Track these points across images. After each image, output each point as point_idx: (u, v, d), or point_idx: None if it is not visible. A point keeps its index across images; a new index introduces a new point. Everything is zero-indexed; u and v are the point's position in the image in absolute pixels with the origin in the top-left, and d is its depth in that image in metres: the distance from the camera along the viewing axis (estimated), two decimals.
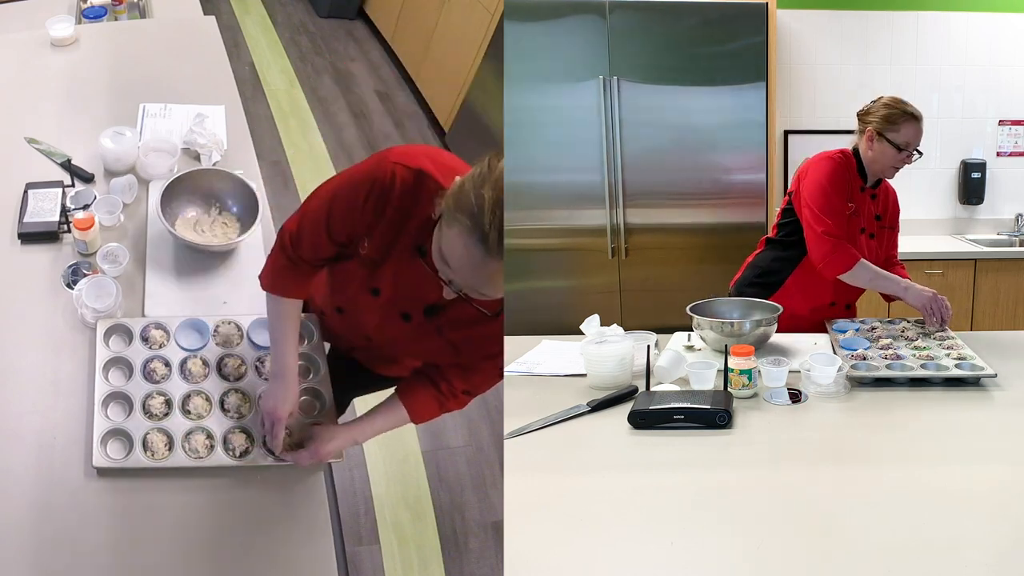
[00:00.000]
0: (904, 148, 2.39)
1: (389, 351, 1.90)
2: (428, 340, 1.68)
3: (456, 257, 1.33)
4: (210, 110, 2.50)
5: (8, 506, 1.59)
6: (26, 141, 2.35)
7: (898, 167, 2.43)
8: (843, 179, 2.41)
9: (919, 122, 2.39)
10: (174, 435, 1.71)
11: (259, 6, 5.52)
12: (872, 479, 1.55)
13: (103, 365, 1.79)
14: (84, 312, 1.88)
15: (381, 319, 1.71)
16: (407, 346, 1.80)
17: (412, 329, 1.67)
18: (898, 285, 2.41)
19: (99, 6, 3.00)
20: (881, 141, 2.39)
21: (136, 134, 2.35)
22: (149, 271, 2.05)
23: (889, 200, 2.55)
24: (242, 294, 2.03)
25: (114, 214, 2.12)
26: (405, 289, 1.61)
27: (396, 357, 1.95)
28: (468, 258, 1.30)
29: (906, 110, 2.39)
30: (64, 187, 2.18)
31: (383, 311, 1.68)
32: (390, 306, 1.66)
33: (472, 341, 1.64)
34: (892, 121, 2.38)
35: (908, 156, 2.41)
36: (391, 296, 1.64)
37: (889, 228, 2.54)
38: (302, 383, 1.85)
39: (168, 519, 1.63)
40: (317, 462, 1.73)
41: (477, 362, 1.72)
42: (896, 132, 2.37)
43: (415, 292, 1.60)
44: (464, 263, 1.32)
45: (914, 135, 2.39)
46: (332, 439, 1.75)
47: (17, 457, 1.67)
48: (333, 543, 1.67)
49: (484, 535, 2.76)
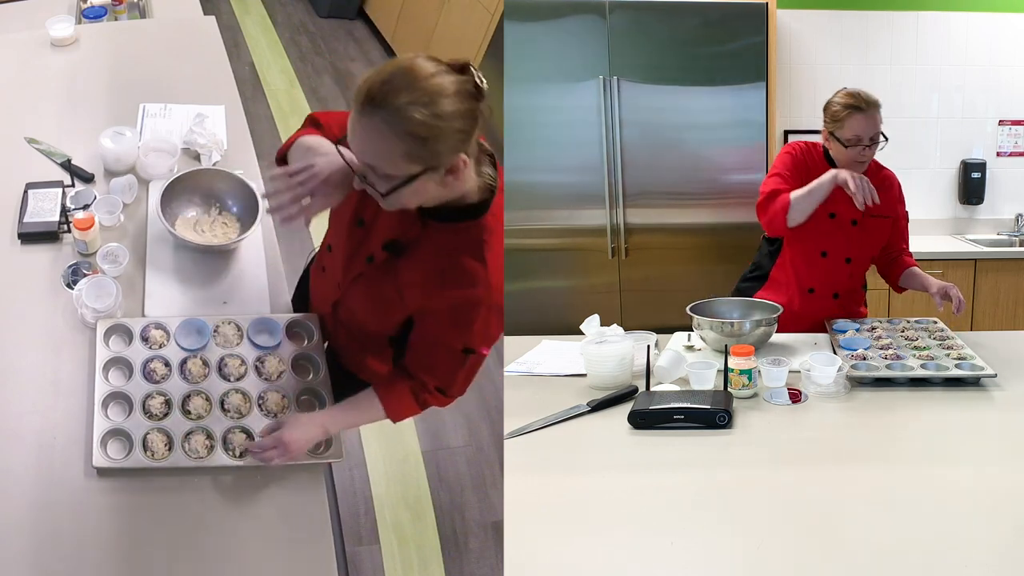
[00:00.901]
0: (854, 143, 2.32)
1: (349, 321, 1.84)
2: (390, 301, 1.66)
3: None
4: (210, 110, 2.50)
5: (8, 506, 1.59)
6: (26, 141, 2.35)
7: (862, 161, 2.36)
8: (792, 163, 2.41)
9: (865, 112, 2.30)
10: (174, 435, 1.71)
11: (259, 6, 5.52)
12: (872, 479, 1.55)
13: (103, 365, 1.79)
14: (84, 312, 1.88)
15: (353, 258, 1.71)
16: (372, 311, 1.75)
17: (371, 278, 1.68)
18: (824, 179, 2.30)
19: (99, 6, 3.00)
20: (832, 140, 2.37)
21: (136, 134, 2.35)
22: (149, 271, 2.05)
23: (888, 190, 2.46)
24: (242, 294, 2.03)
25: (114, 214, 2.12)
26: (380, 219, 1.63)
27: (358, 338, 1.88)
28: (349, 122, 1.41)
29: (849, 103, 2.31)
30: (64, 187, 2.18)
31: (358, 247, 1.69)
32: (364, 240, 1.67)
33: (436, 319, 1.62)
34: (837, 119, 2.33)
35: (865, 149, 2.33)
36: (370, 228, 1.66)
37: (884, 217, 2.46)
38: (302, 382, 1.85)
39: (168, 519, 1.63)
40: (289, 458, 1.67)
41: (435, 347, 1.66)
42: (842, 128, 2.32)
43: (386, 221, 1.61)
44: (348, 128, 1.42)
45: (862, 127, 2.31)
46: (298, 426, 1.70)
47: (17, 457, 1.67)
48: (333, 543, 1.67)
49: (484, 535, 2.76)
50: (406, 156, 1.39)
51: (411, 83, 1.36)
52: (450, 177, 1.44)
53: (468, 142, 1.43)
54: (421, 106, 1.35)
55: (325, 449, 1.78)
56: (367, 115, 1.37)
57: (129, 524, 1.61)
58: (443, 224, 1.56)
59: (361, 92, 1.38)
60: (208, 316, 1.92)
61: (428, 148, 1.38)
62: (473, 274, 1.55)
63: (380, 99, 1.36)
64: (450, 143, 1.40)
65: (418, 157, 1.39)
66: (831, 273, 2.46)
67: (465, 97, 1.39)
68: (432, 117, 1.36)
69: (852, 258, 2.47)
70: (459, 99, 1.38)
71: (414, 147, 1.38)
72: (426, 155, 1.39)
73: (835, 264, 2.46)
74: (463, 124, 1.40)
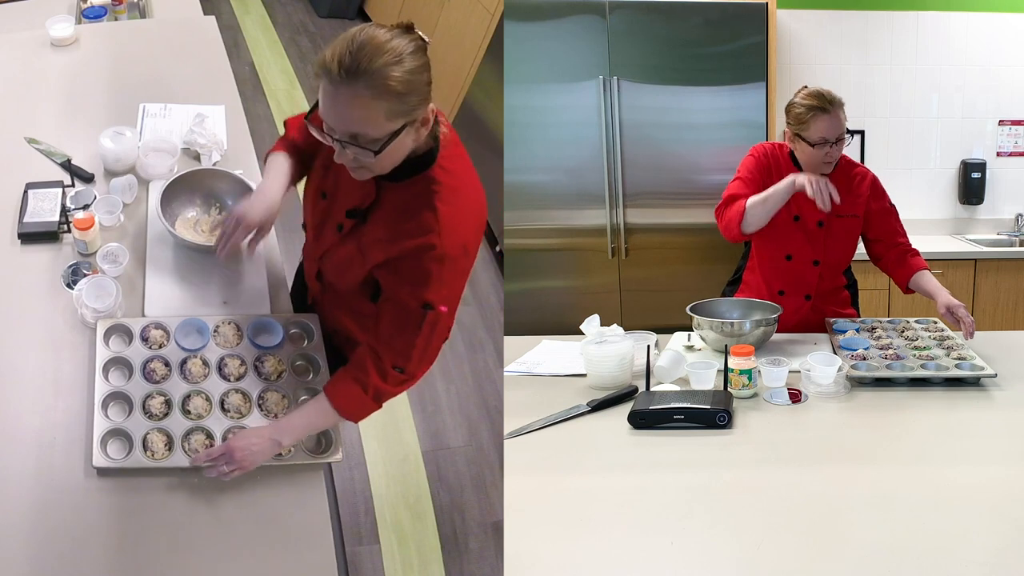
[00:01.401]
0: (820, 144, 2.29)
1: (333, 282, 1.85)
2: (352, 265, 1.71)
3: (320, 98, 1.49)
4: (210, 110, 2.50)
5: (8, 506, 1.59)
6: (26, 141, 2.35)
7: (829, 161, 2.32)
8: (756, 167, 2.40)
9: (829, 112, 2.26)
10: (174, 435, 1.71)
11: (259, 6, 5.52)
12: (872, 479, 1.55)
13: (103, 365, 1.79)
14: (84, 312, 1.88)
15: (326, 229, 1.77)
16: (338, 277, 1.80)
17: (341, 248, 1.73)
18: (784, 183, 2.28)
19: (99, 6, 3.00)
20: (797, 141, 2.34)
21: (136, 134, 2.35)
22: (149, 271, 2.05)
23: (857, 188, 2.41)
24: (242, 294, 2.03)
25: (114, 214, 2.12)
26: (341, 190, 1.71)
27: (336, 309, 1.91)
28: (324, 96, 1.47)
29: (813, 105, 2.27)
30: (64, 187, 2.18)
31: (328, 218, 1.76)
32: (329, 212, 1.74)
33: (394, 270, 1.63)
34: (801, 120, 2.30)
35: (831, 148, 2.30)
36: (333, 199, 1.74)
37: (853, 217, 2.40)
38: (302, 382, 1.85)
39: (168, 519, 1.63)
40: (236, 467, 1.64)
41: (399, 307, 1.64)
42: (807, 130, 2.29)
43: (346, 191, 1.69)
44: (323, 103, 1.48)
45: (827, 128, 2.27)
46: (243, 435, 1.67)
47: (17, 457, 1.67)
48: (333, 543, 1.67)
49: (484, 535, 2.76)
50: (388, 114, 1.46)
51: (378, 47, 1.44)
52: (423, 129, 1.54)
53: (430, 93, 1.53)
54: (395, 65, 1.44)
55: (325, 449, 1.78)
56: (347, 84, 1.43)
57: (129, 524, 1.61)
58: (396, 183, 1.62)
59: (332, 64, 1.43)
60: (208, 316, 1.92)
61: (406, 103, 1.47)
62: (423, 223, 1.58)
63: (356, 66, 1.42)
64: (421, 95, 1.50)
65: (399, 113, 1.47)
66: (799, 276, 2.44)
67: (420, 53, 1.50)
68: (406, 73, 1.45)
69: (820, 260, 2.43)
70: (417, 55, 1.48)
71: (395, 104, 1.45)
72: (405, 109, 1.48)
73: (802, 267, 2.43)
74: (427, 76, 1.50)
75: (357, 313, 1.86)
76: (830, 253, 2.44)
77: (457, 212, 1.60)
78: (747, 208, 2.32)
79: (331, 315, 1.95)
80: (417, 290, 1.61)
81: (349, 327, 1.92)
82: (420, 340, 1.65)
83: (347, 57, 1.43)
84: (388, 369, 1.68)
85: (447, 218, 1.58)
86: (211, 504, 1.66)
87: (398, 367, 1.68)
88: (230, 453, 1.65)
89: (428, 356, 1.70)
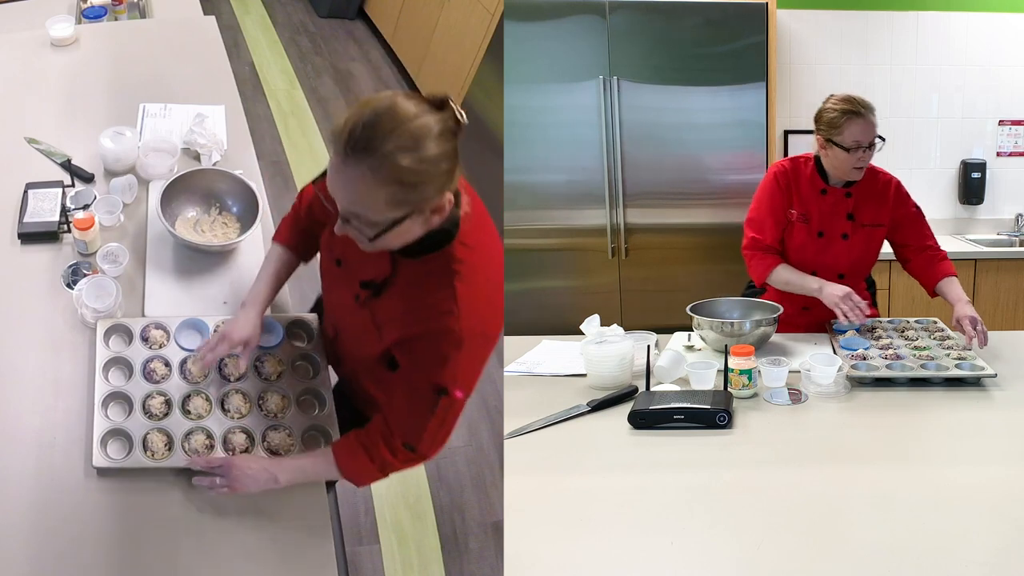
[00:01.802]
0: (854, 148, 2.30)
1: (348, 351, 1.83)
2: (368, 337, 1.63)
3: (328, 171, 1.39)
4: (210, 110, 2.50)
5: (8, 506, 1.59)
6: (26, 141, 2.35)
7: (860, 166, 2.34)
8: (775, 191, 2.42)
9: (863, 116, 2.29)
10: (174, 435, 1.71)
11: (259, 6, 5.52)
12: (872, 479, 1.55)
13: (103, 365, 1.79)
14: (84, 312, 1.88)
15: (341, 297, 1.70)
16: (355, 344, 1.75)
17: (357, 315, 1.64)
18: (811, 286, 2.35)
19: (99, 6, 3.00)
20: (830, 146, 2.34)
21: (136, 134, 2.35)
22: (149, 271, 2.05)
23: (883, 193, 2.43)
24: (242, 294, 2.03)
25: (114, 214, 2.12)
26: (355, 259, 1.60)
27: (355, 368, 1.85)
28: (330, 167, 1.37)
29: (846, 109, 2.30)
30: (64, 187, 2.18)
31: (343, 286, 1.67)
32: (346, 280, 1.66)
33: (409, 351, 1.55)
34: (834, 125, 2.31)
35: (864, 152, 2.32)
36: (348, 268, 1.66)
37: (878, 226, 2.42)
38: (302, 382, 1.85)
39: (168, 519, 1.63)
40: (230, 483, 1.63)
41: (413, 387, 1.56)
42: (841, 135, 2.30)
43: (360, 262, 1.58)
44: (328, 173, 1.38)
45: (861, 132, 2.29)
46: (248, 464, 1.65)
47: (17, 457, 1.67)
48: (333, 543, 1.67)
49: (484, 535, 2.76)
50: (392, 202, 1.35)
51: (395, 127, 1.31)
52: (435, 216, 1.41)
53: (453, 180, 1.40)
54: (407, 151, 1.31)
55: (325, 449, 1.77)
56: (352, 163, 1.32)
57: (129, 524, 1.61)
58: (413, 259, 1.51)
59: (343, 137, 1.32)
60: (208, 316, 1.92)
61: (415, 193, 1.35)
62: (441, 305, 1.47)
63: (364, 145, 1.31)
64: (436, 184, 1.37)
65: (404, 202, 1.36)
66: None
67: (448, 136, 1.36)
68: (419, 162, 1.32)
69: (845, 273, 2.44)
70: (443, 139, 1.35)
71: (400, 193, 1.34)
72: (413, 199, 1.36)
73: (827, 280, 2.41)
74: (448, 164, 1.37)
75: (375, 377, 1.78)
76: (855, 264, 2.45)
77: (478, 293, 1.49)
78: (771, 278, 2.43)
79: (349, 371, 1.89)
80: (432, 374, 1.51)
81: (368, 387, 1.85)
82: (432, 423, 1.56)
83: (358, 129, 1.31)
84: (398, 446, 1.60)
85: (466, 299, 1.47)
86: (211, 504, 1.66)
87: (409, 445, 1.60)
88: (228, 467, 1.64)
89: (441, 437, 1.60)
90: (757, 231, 2.45)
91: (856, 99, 2.32)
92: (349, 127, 1.32)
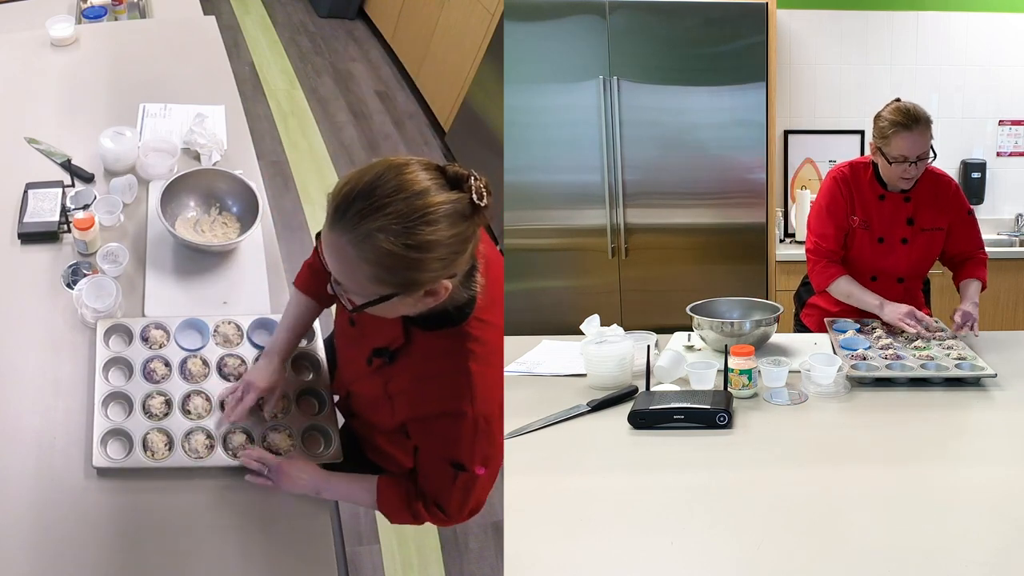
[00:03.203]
0: (899, 161, 2.28)
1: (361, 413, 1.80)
2: (381, 406, 1.60)
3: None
4: (210, 110, 2.50)
5: (8, 506, 1.59)
6: (26, 141, 2.35)
7: (908, 177, 2.32)
8: (837, 196, 2.41)
9: (910, 130, 2.25)
10: (174, 435, 1.71)
11: (259, 6, 5.52)
12: (872, 479, 1.55)
13: (103, 365, 1.79)
14: (84, 312, 1.88)
15: (354, 359, 1.65)
16: (369, 410, 1.72)
17: (370, 381, 1.60)
18: (872, 303, 2.35)
19: (99, 6, 3.00)
20: (878, 155, 2.34)
21: (136, 134, 2.35)
22: (149, 271, 2.05)
23: (944, 195, 2.40)
24: (242, 294, 2.03)
25: (114, 214, 2.12)
26: (369, 322, 1.48)
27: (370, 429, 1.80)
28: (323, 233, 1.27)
29: (896, 120, 2.26)
30: (64, 187, 2.18)
31: (356, 347, 1.62)
32: (359, 342, 1.59)
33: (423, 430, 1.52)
34: (883, 135, 2.29)
35: (910, 166, 2.29)
36: (361, 330, 1.58)
37: (937, 230, 2.40)
38: (302, 383, 1.85)
39: (168, 519, 1.63)
40: (275, 481, 1.66)
41: (432, 461, 1.54)
42: (888, 145, 2.29)
43: (375, 326, 1.49)
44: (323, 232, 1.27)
45: (908, 146, 2.26)
46: (299, 474, 1.67)
47: (17, 457, 1.67)
48: (333, 543, 1.67)
49: (484, 535, 2.75)
50: (374, 280, 1.24)
51: (388, 203, 1.18)
52: (428, 299, 1.30)
53: (453, 266, 1.27)
54: (393, 235, 1.19)
55: (325, 449, 1.78)
56: (336, 231, 1.22)
57: (129, 524, 1.61)
58: (427, 332, 1.44)
59: (335, 199, 1.22)
60: (208, 316, 1.92)
61: (400, 276, 1.24)
62: (454, 387, 1.40)
63: (349, 217, 1.20)
64: (430, 271, 1.24)
65: (388, 283, 1.25)
66: (884, 292, 2.42)
67: (457, 220, 1.22)
68: (405, 248, 1.19)
69: (905, 277, 2.44)
70: (448, 223, 1.21)
71: (383, 274, 1.23)
72: (398, 282, 1.25)
73: (887, 285, 2.44)
74: (447, 251, 1.23)
75: (391, 439, 1.75)
76: (914, 268, 2.45)
77: (491, 372, 1.42)
78: (832, 288, 2.42)
79: (363, 427, 1.83)
80: (446, 449, 1.47)
81: (382, 444, 1.79)
82: (456, 494, 1.52)
83: (350, 197, 1.20)
84: (431, 504, 1.58)
85: (481, 381, 1.39)
86: (211, 504, 1.66)
87: (440, 507, 1.57)
88: (279, 471, 1.66)
89: (470, 506, 1.55)
90: (820, 236, 2.43)
91: (911, 110, 2.27)
92: (343, 191, 1.21)
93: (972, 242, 2.47)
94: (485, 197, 1.24)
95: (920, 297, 2.53)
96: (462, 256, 1.28)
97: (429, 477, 1.56)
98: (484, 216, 1.26)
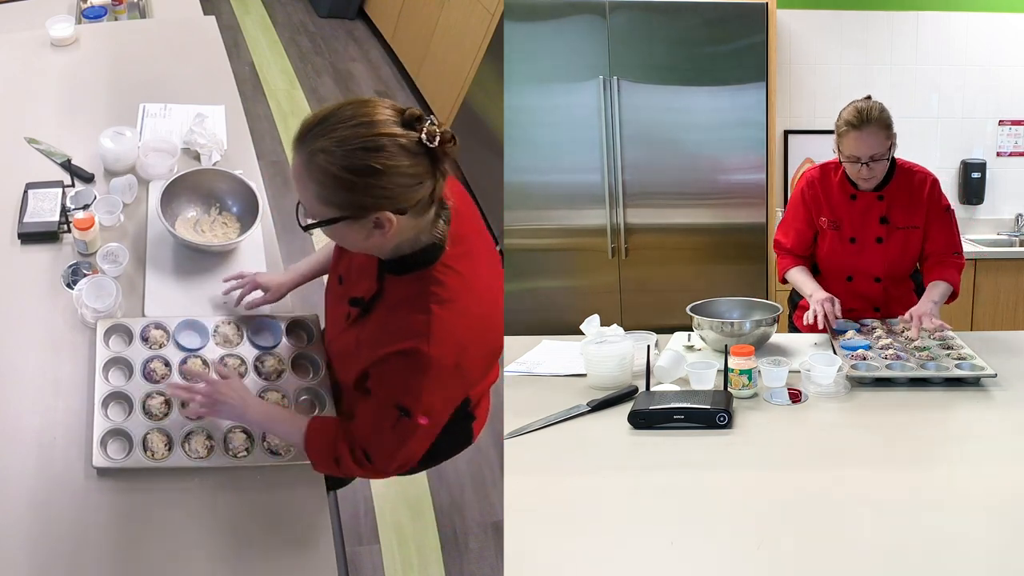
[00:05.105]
0: (852, 161, 2.28)
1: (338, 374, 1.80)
2: (349, 360, 1.61)
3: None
4: (210, 110, 2.50)
5: (8, 506, 1.59)
6: (26, 141, 2.35)
7: (863, 177, 2.30)
8: (800, 201, 2.46)
9: (860, 130, 2.23)
10: (174, 435, 1.71)
11: (259, 6, 5.52)
12: (872, 479, 1.55)
13: (103, 365, 1.79)
14: (84, 312, 1.88)
15: (336, 317, 1.70)
16: (343, 367, 1.71)
17: (344, 337, 1.62)
18: (806, 292, 2.42)
19: (99, 6, 3.00)
20: (839, 154, 2.34)
21: (136, 134, 2.35)
22: (149, 271, 2.05)
23: (919, 192, 2.38)
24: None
25: (114, 214, 2.12)
26: (352, 276, 1.62)
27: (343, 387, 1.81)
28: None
29: (848, 119, 2.25)
30: (64, 187, 2.18)
31: (339, 304, 1.65)
32: (342, 298, 1.63)
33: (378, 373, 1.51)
34: (839, 134, 2.30)
35: (863, 167, 2.27)
36: (346, 285, 1.64)
37: (913, 228, 2.38)
38: (302, 382, 1.85)
39: (168, 519, 1.63)
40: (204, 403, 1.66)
41: (377, 405, 1.53)
42: (841, 145, 2.30)
43: (356, 280, 1.59)
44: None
45: (857, 146, 2.25)
46: (227, 391, 1.66)
47: (17, 457, 1.67)
48: (333, 543, 1.67)
49: (484, 535, 2.75)
50: (319, 199, 1.35)
51: (334, 128, 1.31)
52: (376, 231, 1.37)
53: (399, 199, 1.34)
54: (331, 154, 1.30)
55: None
56: (293, 152, 1.36)
57: (129, 524, 1.61)
58: (396, 277, 1.49)
59: (300, 125, 1.36)
60: (208, 316, 1.92)
61: (340, 197, 1.33)
62: (413, 325, 1.42)
63: (301, 137, 1.34)
64: (370, 197, 1.33)
65: (333, 203, 1.35)
66: (862, 292, 2.44)
67: (401, 154, 1.31)
68: (343, 171, 1.31)
69: (882, 276, 2.43)
70: (390, 155, 1.30)
71: (324, 193, 1.34)
72: (341, 203, 1.34)
73: (864, 285, 2.45)
74: (389, 182, 1.32)
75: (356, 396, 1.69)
76: (891, 267, 2.43)
77: (454, 319, 1.43)
78: (787, 276, 2.54)
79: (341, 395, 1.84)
80: (397, 393, 1.47)
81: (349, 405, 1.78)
82: (390, 440, 1.52)
83: (308, 122, 1.35)
84: (358, 451, 1.57)
85: (440, 324, 1.41)
86: (211, 504, 1.66)
87: (368, 455, 1.57)
88: (208, 389, 1.66)
89: (401, 457, 1.56)
90: (782, 234, 2.54)
91: (864, 111, 2.26)
92: (308, 118, 1.35)
93: (946, 242, 2.41)
94: (437, 139, 1.33)
95: (911, 297, 2.47)
96: (411, 192, 1.35)
97: (366, 420, 1.55)
98: (443, 162, 1.36)
